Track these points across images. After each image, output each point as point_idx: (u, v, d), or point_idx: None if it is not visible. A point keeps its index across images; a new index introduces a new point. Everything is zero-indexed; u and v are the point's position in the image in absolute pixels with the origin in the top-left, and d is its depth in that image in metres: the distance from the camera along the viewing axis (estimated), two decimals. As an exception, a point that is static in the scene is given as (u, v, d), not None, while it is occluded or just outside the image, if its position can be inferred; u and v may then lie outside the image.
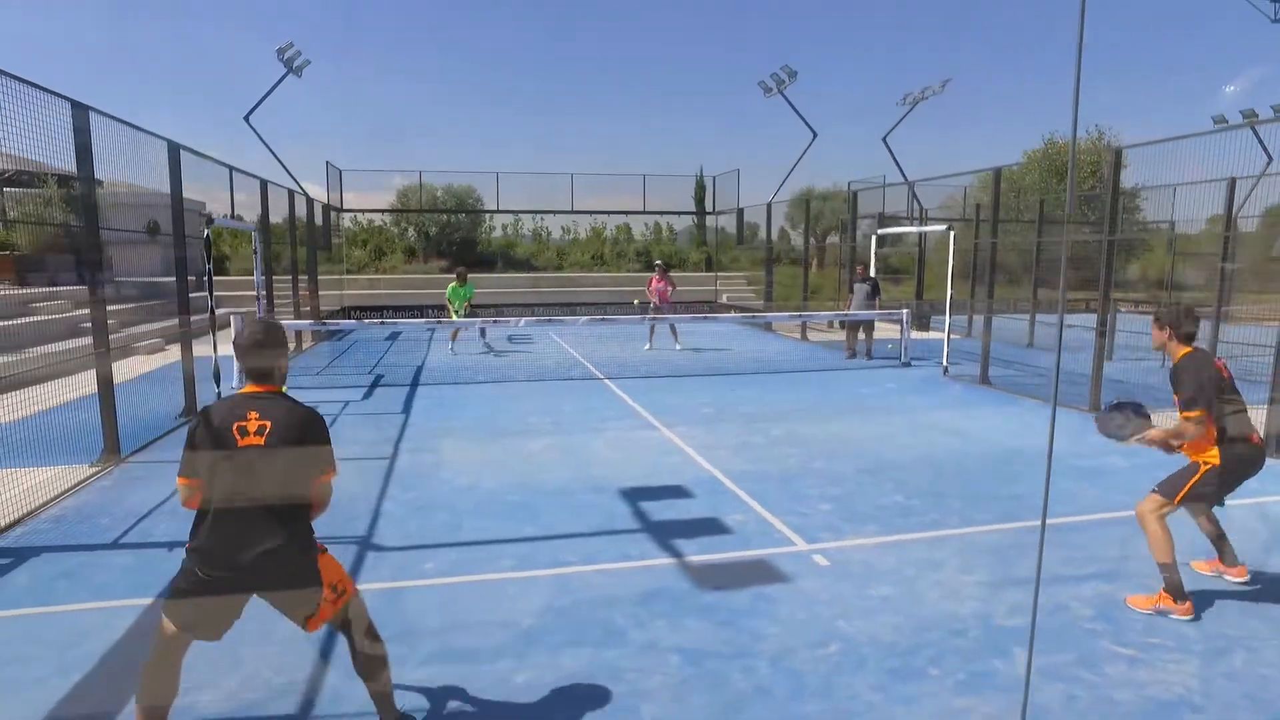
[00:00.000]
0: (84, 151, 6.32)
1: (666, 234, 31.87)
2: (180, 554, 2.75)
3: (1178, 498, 3.98)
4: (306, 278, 15.32)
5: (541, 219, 29.84)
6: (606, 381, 11.21)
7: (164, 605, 2.73)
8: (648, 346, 14.65)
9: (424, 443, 7.67)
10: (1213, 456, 3.95)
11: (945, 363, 11.65)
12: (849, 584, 4.35)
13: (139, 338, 13.41)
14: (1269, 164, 17.31)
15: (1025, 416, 8.80)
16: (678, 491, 6.07)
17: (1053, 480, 6.44)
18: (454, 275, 14.29)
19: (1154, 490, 4.07)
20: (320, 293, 16.25)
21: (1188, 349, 4.07)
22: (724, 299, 24.87)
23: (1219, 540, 4.32)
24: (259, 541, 2.62)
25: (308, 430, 2.72)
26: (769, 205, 18.81)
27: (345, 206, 23.44)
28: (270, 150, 18.60)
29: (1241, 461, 3.97)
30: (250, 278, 12.22)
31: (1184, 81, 58.20)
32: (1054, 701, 3.21)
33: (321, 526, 2.84)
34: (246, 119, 18.30)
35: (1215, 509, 4.28)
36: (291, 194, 14.46)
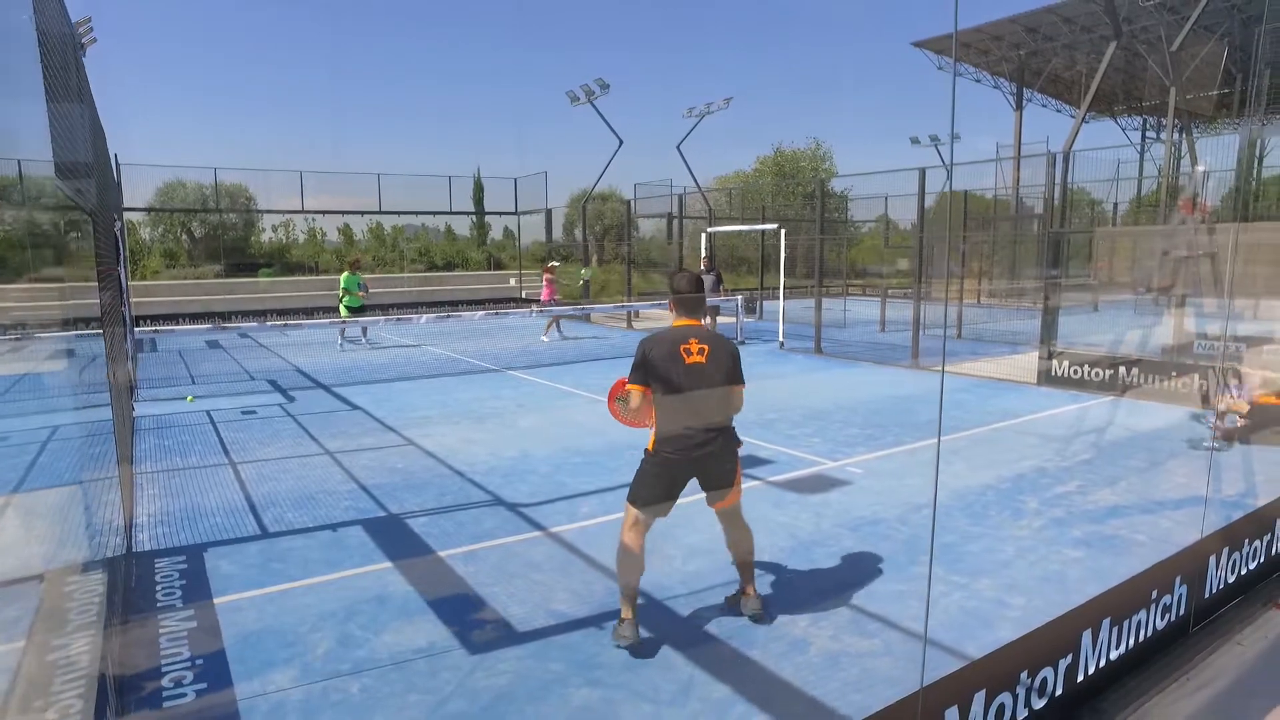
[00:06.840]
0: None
1: (446, 235, 31.96)
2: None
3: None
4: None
5: (315, 219, 28.41)
6: (509, 372, 12.07)
7: (631, 502, 3.70)
8: (544, 338, 15.94)
9: (420, 430, 8.15)
10: None
11: (781, 339, 14.24)
12: (888, 480, 6.21)
13: None
14: (950, 178, 23.06)
15: (875, 374, 11.48)
16: (699, 442, 7.50)
17: (923, 411, 8.85)
18: (348, 266, 15.39)
19: None
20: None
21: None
22: (524, 294, 25.99)
23: None
24: (709, 435, 3.70)
25: (734, 352, 3.81)
26: (584, 205, 20.37)
27: (129, 205, 20.57)
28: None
29: None
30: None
31: (883, 107, 73.03)
32: (1033, 531, 5.33)
33: (434, 497, 3.87)
34: None
35: None
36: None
